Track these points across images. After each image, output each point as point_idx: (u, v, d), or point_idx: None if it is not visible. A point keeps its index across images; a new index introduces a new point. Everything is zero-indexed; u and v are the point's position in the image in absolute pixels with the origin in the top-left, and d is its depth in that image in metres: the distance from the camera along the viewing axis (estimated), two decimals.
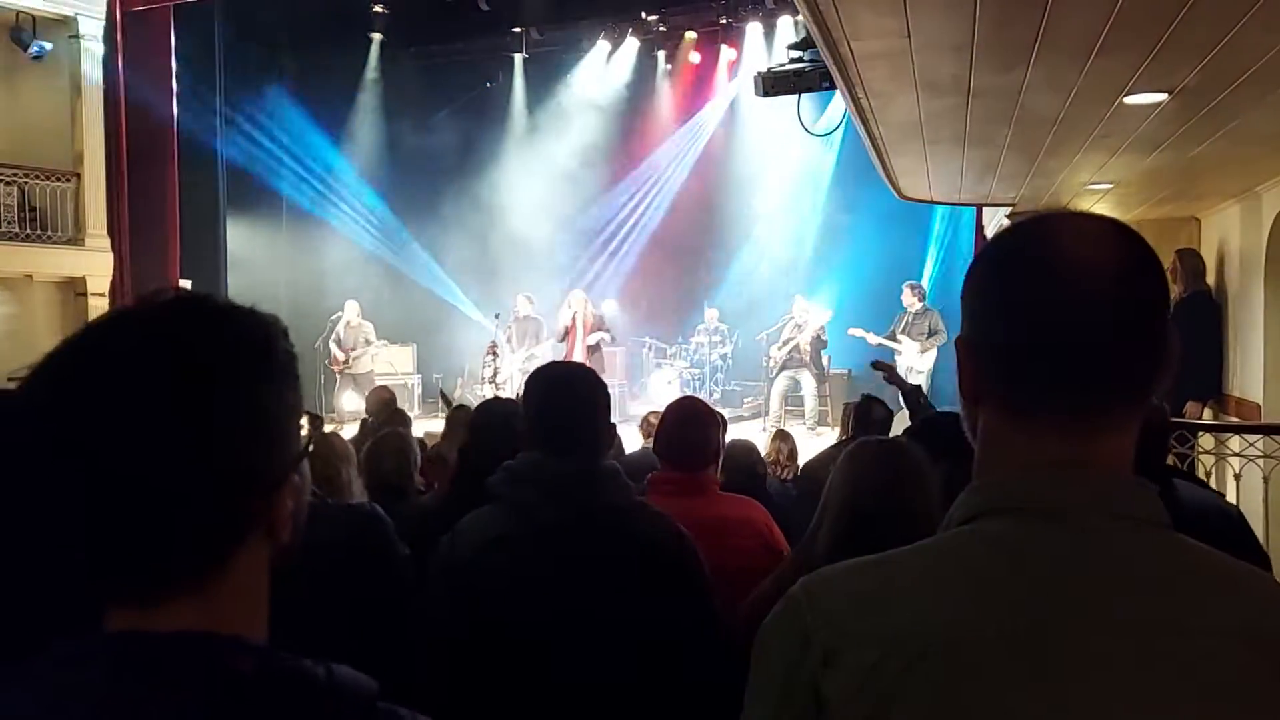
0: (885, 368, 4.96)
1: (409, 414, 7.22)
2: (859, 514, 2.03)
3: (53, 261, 11.08)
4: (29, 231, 10.88)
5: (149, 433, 0.69)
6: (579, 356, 11.16)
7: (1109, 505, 0.83)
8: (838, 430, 7.76)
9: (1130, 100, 3.83)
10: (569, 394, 2.05)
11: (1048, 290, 0.84)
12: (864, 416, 4.47)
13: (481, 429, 2.89)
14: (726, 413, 8.00)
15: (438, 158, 15.11)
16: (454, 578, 1.95)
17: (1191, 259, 6.77)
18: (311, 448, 0.85)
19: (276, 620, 0.80)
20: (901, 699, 0.78)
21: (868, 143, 5.23)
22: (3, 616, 1.23)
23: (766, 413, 11.57)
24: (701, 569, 2.03)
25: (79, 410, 0.69)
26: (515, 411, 2.97)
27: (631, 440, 6.08)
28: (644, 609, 1.87)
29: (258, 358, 0.77)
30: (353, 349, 12.03)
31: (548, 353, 12.36)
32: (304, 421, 0.85)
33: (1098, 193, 6.30)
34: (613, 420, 2.22)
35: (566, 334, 11.61)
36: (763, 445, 5.31)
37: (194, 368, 0.72)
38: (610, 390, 2.18)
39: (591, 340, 11.55)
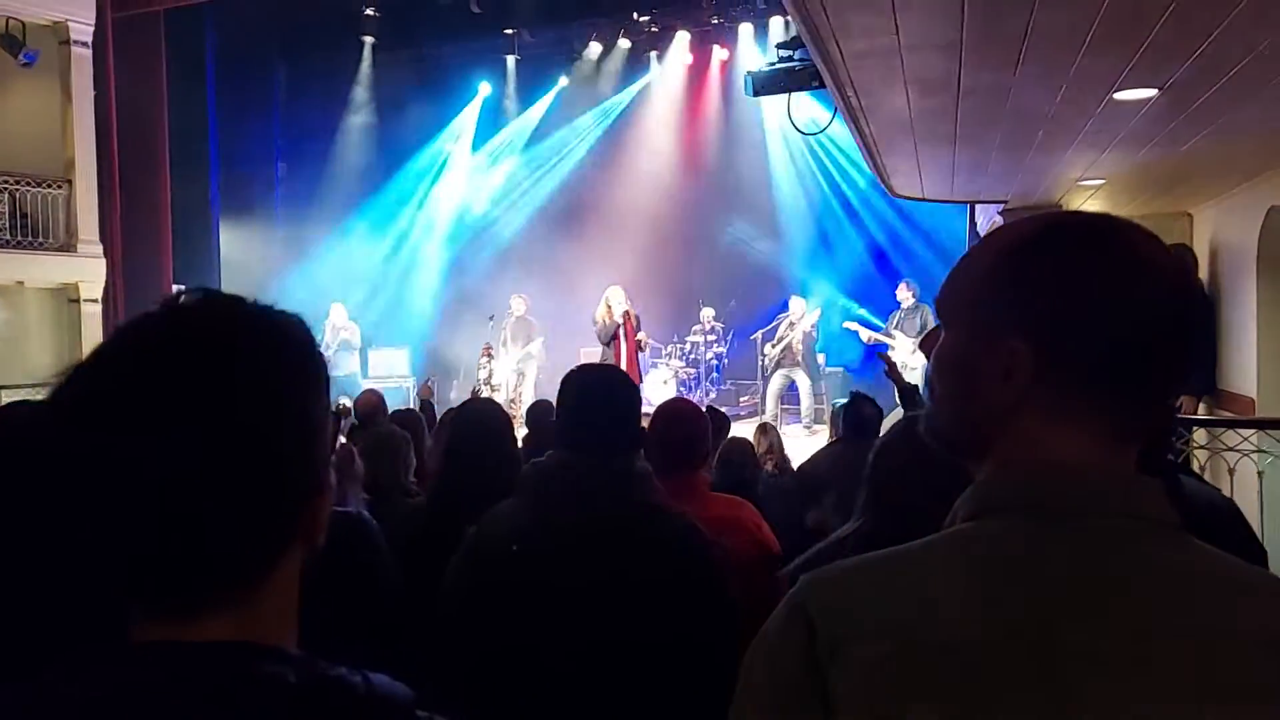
0: (888, 361, 5.05)
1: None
2: None
3: (45, 268, 11.06)
4: (21, 238, 10.86)
5: (210, 438, 0.67)
6: (624, 364, 10.18)
7: (1126, 507, 0.82)
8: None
9: (1120, 96, 3.83)
10: (602, 396, 2.06)
11: (1140, 294, 0.83)
12: (853, 415, 4.46)
13: (462, 429, 2.89)
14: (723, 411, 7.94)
15: (430, 159, 15.08)
16: (477, 573, 1.96)
17: (1183, 254, 6.79)
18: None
19: None
20: (917, 696, 0.76)
21: (859, 141, 5.23)
22: (21, 626, 1.21)
23: (762, 411, 11.59)
24: (728, 576, 2.02)
25: (133, 418, 0.66)
26: (492, 411, 2.99)
27: None
28: (665, 613, 1.86)
29: (304, 361, 0.76)
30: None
31: (541, 353, 12.34)
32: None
33: (1090, 188, 6.31)
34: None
35: (614, 338, 10.65)
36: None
37: (250, 373, 0.71)
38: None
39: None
